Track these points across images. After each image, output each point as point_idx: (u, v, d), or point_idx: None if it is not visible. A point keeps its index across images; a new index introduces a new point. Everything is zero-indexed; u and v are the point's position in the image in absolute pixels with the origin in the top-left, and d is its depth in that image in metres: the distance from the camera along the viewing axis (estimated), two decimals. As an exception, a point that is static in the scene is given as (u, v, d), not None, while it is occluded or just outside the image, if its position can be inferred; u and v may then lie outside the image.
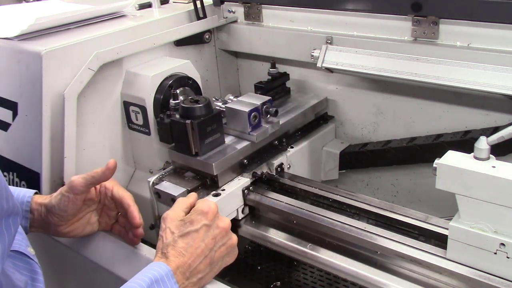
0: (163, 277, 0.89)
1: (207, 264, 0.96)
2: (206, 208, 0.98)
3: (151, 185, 1.24)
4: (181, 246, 0.94)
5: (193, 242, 0.95)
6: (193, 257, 0.94)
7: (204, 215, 0.97)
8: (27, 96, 1.29)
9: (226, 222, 1.00)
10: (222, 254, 0.99)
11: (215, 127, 1.23)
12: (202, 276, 0.96)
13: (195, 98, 1.23)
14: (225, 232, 0.99)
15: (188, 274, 0.93)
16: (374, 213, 1.17)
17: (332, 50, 1.45)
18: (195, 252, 0.94)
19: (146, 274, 0.89)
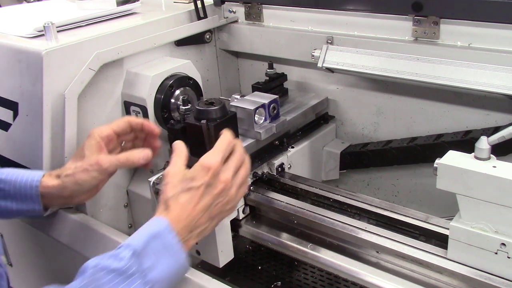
0: (162, 231, 0.91)
1: (207, 218, 0.99)
2: (209, 165, 0.98)
3: (152, 185, 1.24)
4: (183, 201, 0.96)
5: (193, 198, 0.97)
6: (194, 212, 0.96)
7: (206, 172, 0.98)
8: (27, 96, 1.29)
9: (226, 181, 1.00)
10: (218, 210, 1.01)
11: (230, 130, 1.22)
12: (203, 229, 0.99)
13: (210, 100, 1.23)
14: (223, 191, 1.00)
15: (190, 228, 0.96)
16: (374, 213, 1.17)
17: (332, 50, 1.45)
18: (196, 207, 0.97)
19: (146, 229, 0.92)
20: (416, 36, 1.34)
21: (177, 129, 1.25)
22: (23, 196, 1.12)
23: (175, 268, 0.92)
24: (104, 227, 1.27)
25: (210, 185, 0.98)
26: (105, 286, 0.82)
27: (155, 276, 0.87)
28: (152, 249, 0.89)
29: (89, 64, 1.27)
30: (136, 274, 0.85)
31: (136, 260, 0.86)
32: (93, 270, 0.84)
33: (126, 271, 0.84)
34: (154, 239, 0.90)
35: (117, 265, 0.84)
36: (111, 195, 1.44)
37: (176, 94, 1.39)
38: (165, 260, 0.90)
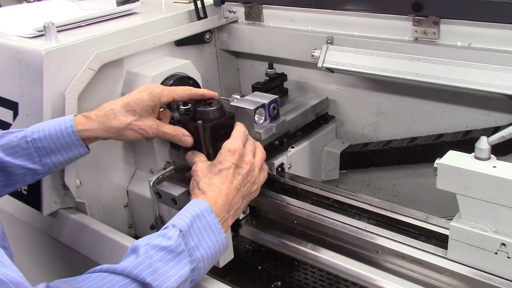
0: (203, 212, 0.96)
1: (240, 197, 1.06)
2: (233, 148, 1.08)
3: (152, 185, 1.24)
4: (217, 182, 1.04)
5: (226, 178, 1.04)
6: (229, 191, 1.03)
7: (232, 155, 1.07)
8: (27, 96, 1.29)
9: (250, 162, 1.09)
10: (248, 189, 1.09)
11: (227, 130, 1.23)
12: (238, 207, 1.06)
13: (208, 101, 1.23)
14: (249, 171, 1.09)
15: (228, 207, 1.02)
16: (374, 213, 1.17)
17: (332, 50, 1.45)
18: (229, 186, 1.04)
19: (188, 211, 0.96)
20: (416, 36, 1.34)
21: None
22: (66, 146, 1.13)
23: (217, 247, 0.96)
24: (104, 227, 1.27)
25: (238, 166, 1.07)
26: (158, 262, 0.87)
27: (200, 255, 0.93)
28: (195, 229, 0.94)
29: (89, 64, 1.27)
30: (185, 252, 0.91)
31: (183, 239, 0.91)
32: (145, 248, 0.88)
33: (175, 249, 0.89)
34: (198, 220, 0.95)
35: (167, 243, 0.89)
36: (111, 195, 1.44)
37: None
38: (207, 240, 0.95)
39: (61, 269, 1.45)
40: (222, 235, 0.98)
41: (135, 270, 0.84)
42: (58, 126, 1.12)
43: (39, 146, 1.11)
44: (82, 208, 1.34)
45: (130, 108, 1.14)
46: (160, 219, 1.31)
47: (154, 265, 0.86)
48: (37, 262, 1.54)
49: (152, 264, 0.86)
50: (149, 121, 1.15)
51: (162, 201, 1.24)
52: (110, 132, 1.14)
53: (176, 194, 1.19)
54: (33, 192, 1.33)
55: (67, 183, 1.28)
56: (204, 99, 1.20)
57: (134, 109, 1.14)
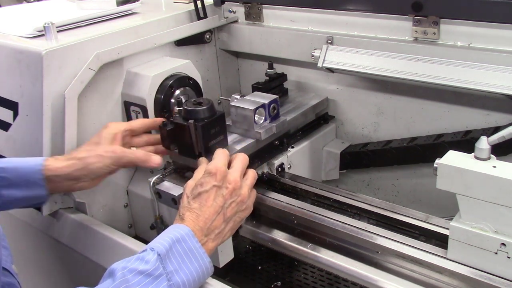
0: (184, 237, 0.94)
1: (222, 221, 1.02)
2: (214, 170, 1.04)
3: (152, 185, 1.24)
4: (194, 207, 1.01)
5: (205, 202, 1.01)
6: (206, 215, 1.00)
7: (212, 177, 1.03)
8: (27, 96, 1.29)
9: (234, 181, 1.05)
10: (233, 210, 1.05)
11: (218, 130, 1.23)
12: (220, 231, 1.02)
13: (198, 100, 1.23)
14: (234, 191, 1.05)
15: (205, 231, 0.99)
16: (374, 213, 1.17)
17: (332, 50, 1.45)
18: (208, 210, 1.01)
19: (168, 235, 0.94)
20: (416, 36, 1.34)
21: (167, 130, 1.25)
22: (27, 182, 1.11)
23: (199, 271, 0.94)
24: (104, 227, 1.27)
25: (220, 187, 1.03)
26: (135, 287, 0.85)
27: (180, 279, 0.90)
28: (175, 253, 0.92)
29: (89, 64, 1.27)
30: (163, 276, 0.88)
31: (161, 263, 0.89)
32: (122, 273, 0.86)
33: (152, 272, 0.87)
34: (178, 244, 0.93)
35: (144, 267, 0.87)
36: (111, 195, 1.44)
37: (176, 94, 1.39)
38: (189, 264, 0.93)
39: (61, 269, 1.45)
40: (206, 259, 0.96)
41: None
42: (29, 161, 1.13)
43: (2, 176, 1.10)
44: (82, 208, 1.34)
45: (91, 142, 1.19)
46: (160, 219, 1.31)
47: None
48: (37, 262, 1.54)
49: None
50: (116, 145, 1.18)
51: (162, 201, 1.24)
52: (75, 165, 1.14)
53: (176, 194, 1.19)
54: (33, 192, 1.33)
55: (67, 183, 1.28)
56: (193, 100, 1.21)
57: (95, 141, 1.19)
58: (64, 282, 1.47)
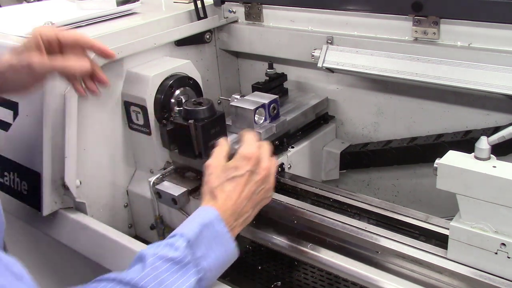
0: (213, 221, 0.95)
1: (251, 206, 1.04)
2: (250, 154, 1.04)
3: (152, 185, 1.24)
4: (228, 189, 1.01)
5: (239, 186, 1.01)
6: (240, 200, 1.01)
7: (247, 161, 1.03)
8: (27, 96, 1.29)
9: (267, 168, 1.06)
10: (261, 196, 1.06)
11: (218, 129, 1.23)
12: (247, 217, 1.04)
13: (198, 100, 1.23)
14: (265, 178, 1.05)
15: (236, 216, 1.00)
16: (374, 213, 1.17)
17: (332, 50, 1.45)
18: (241, 195, 1.01)
19: (197, 219, 0.95)
20: (416, 36, 1.34)
21: (167, 130, 1.25)
22: None
23: (225, 257, 0.95)
24: (104, 227, 1.27)
25: (253, 172, 1.04)
26: (164, 274, 0.86)
27: (207, 265, 0.91)
28: (203, 238, 0.93)
29: (89, 64, 1.27)
30: (191, 263, 0.89)
31: (190, 249, 0.90)
32: (152, 259, 0.88)
33: (181, 260, 0.89)
34: (206, 229, 0.94)
35: (173, 255, 0.89)
36: (111, 195, 1.44)
37: (176, 94, 1.39)
38: (216, 249, 0.94)
39: (61, 269, 1.45)
40: (232, 244, 0.97)
41: (142, 282, 0.84)
42: None
43: None
44: (82, 208, 1.34)
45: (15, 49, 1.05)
46: (160, 219, 1.31)
47: (160, 276, 0.86)
48: (37, 262, 1.54)
49: (158, 276, 0.86)
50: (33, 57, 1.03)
51: (162, 201, 1.24)
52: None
53: (176, 194, 1.19)
54: (33, 192, 1.33)
55: (67, 183, 1.28)
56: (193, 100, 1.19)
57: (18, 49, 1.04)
58: (64, 282, 1.47)
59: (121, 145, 1.44)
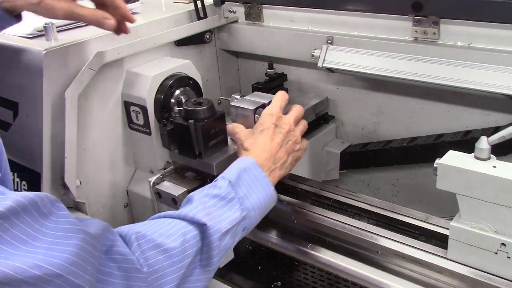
0: (250, 167, 1.04)
1: (284, 152, 1.15)
2: (271, 112, 1.17)
3: (152, 185, 1.24)
4: (260, 140, 1.13)
5: (268, 136, 1.13)
6: (272, 146, 1.12)
7: (270, 117, 1.16)
8: (27, 96, 1.29)
9: (289, 123, 1.18)
10: (292, 146, 1.18)
11: (218, 129, 1.23)
12: (284, 161, 1.14)
13: (198, 100, 1.23)
14: (289, 131, 1.17)
15: (273, 160, 1.11)
16: (374, 213, 1.17)
17: (332, 50, 1.45)
18: (272, 142, 1.13)
19: (235, 166, 1.05)
20: (416, 36, 1.34)
21: (167, 130, 1.25)
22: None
23: (265, 198, 1.04)
24: (104, 227, 1.27)
25: (277, 126, 1.16)
26: (212, 208, 0.94)
27: (250, 204, 1.00)
28: (243, 181, 1.01)
29: (89, 64, 1.27)
30: (235, 199, 0.98)
31: (232, 189, 0.99)
32: (198, 196, 0.96)
33: (226, 196, 0.97)
34: (245, 173, 1.03)
35: (218, 192, 0.97)
36: (111, 195, 1.44)
37: (176, 94, 1.39)
38: (256, 191, 1.02)
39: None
40: (271, 187, 1.05)
41: (191, 213, 0.91)
42: None
43: None
44: (82, 208, 1.34)
45: None
46: (160, 219, 1.31)
47: (208, 209, 0.93)
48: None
49: (205, 208, 0.93)
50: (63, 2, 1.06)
51: (162, 201, 1.24)
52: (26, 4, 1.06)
53: (176, 194, 1.19)
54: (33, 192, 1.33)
55: (67, 183, 1.28)
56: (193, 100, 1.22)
57: None
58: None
59: (121, 145, 1.44)
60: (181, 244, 0.86)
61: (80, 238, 0.70)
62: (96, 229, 0.77)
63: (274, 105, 1.20)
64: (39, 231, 0.66)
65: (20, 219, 0.65)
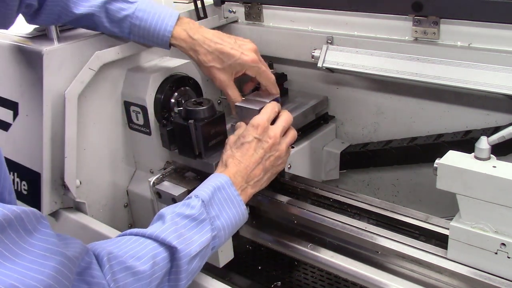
0: (224, 185, 1.03)
1: (261, 170, 1.11)
2: (256, 123, 1.13)
3: (152, 185, 1.24)
4: (238, 155, 1.10)
5: (247, 151, 1.10)
6: (248, 163, 1.09)
7: (254, 129, 1.12)
8: (27, 96, 1.29)
9: (274, 137, 1.13)
10: (271, 163, 1.14)
11: (218, 129, 1.23)
12: (258, 179, 1.11)
13: (198, 100, 1.23)
14: (273, 145, 1.13)
15: (246, 178, 1.09)
16: (374, 213, 1.17)
17: (332, 50, 1.45)
18: (249, 159, 1.10)
19: (210, 183, 1.03)
20: (416, 36, 1.34)
21: (167, 130, 1.25)
22: (154, 40, 1.26)
23: (236, 217, 1.03)
24: (104, 227, 1.27)
25: (260, 140, 1.12)
26: (183, 229, 0.93)
27: (220, 224, 0.99)
28: (216, 200, 1.01)
29: (89, 64, 1.27)
30: (207, 220, 0.97)
31: (205, 209, 0.98)
32: (171, 216, 0.95)
33: (198, 217, 0.96)
34: (218, 192, 1.02)
35: (190, 212, 0.96)
36: (111, 195, 1.44)
37: (176, 94, 1.39)
38: (228, 210, 1.01)
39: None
40: (242, 206, 1.04)
41: (163, 234, 0.90)
42: (159, 27, 1.23)
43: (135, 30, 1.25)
44: (82, 208, 1.34)
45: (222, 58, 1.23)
46: (160, 219, 1.31)
47: (179, 231, 0.92)
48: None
49: (177, 230, 0.92)
50: (224, 76, 1.25)
51: (162, 201, 1.24)
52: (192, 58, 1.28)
53: (176, 194, 1.19)
54: (33, 192, 1.33)
55: (67, 183, 1.28)
56: (193, 100, 1.25)
57: (224, 61, 1.23)
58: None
59: (121, 145, 1.44)
60: (151, 267, 0.86)
61: (58, 260, 0.69)
62: (74, 251, 0.76)
63: (261, 116, 1.15)
64: (22, 248, 0.65)
65: (5, 234, 0.64)
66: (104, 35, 1.35)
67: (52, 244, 0.71)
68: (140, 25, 1.24)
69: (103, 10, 1.24)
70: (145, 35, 1.25)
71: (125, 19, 1.24)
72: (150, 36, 1.25)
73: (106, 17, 1.25)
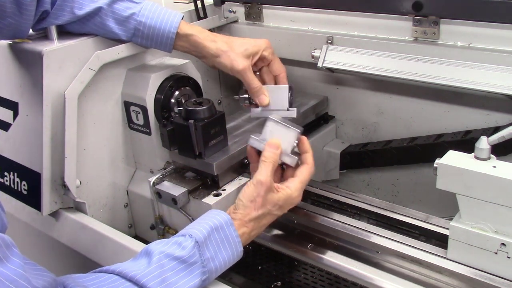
0: (223, 225, 0.96)
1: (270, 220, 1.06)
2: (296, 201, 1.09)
3: (152, 185, 1.24)
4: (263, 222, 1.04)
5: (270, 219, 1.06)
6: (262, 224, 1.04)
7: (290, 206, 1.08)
8: (27, 96, 1.29)
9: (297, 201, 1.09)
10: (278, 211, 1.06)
11: (218, 130, 1.23)
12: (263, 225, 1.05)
13: (198, 100, 1.23)
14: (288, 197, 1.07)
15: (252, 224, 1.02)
16: (374, 213, 1.18)
17: (332, 50, 1.45)
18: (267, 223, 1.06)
19: (207, 221, 0.96)
20: (416, 36, 1.34)
21: (167, 130, 1.25)
22: (159, 42, 1.28)
23: (231, 258, 0.96)
24: (104, 227, 1.27)
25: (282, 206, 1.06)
26: (169, 272, 0.86)
27: (214, 266, 0.92)
28: (212, 241, 0.93)
29: (89, 64, 1.27)
30: (197, 263, 0.90)
31: (198, 250, 0.91)
32: (159, 257, 0.87)
33: (188, 259, 0.89)
34: (216, 232, 0.94)
35: (180, 253, 0.88)
36: (111, 195, 1.44)
37: (176, 94, 1.39)
38: (224, 252, 0.95)
39: (61, 269, 1.45)
40: (240, 248, 0.98)
41: (144, 278, 0.84)
42: (164, 24, 1.25)
43: (139, 29, 1.26)
44: (82, 208, 1.34)
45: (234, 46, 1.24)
46: (160, 219, 1.31)
47: (164, 275, 0.85)
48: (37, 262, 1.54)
49: (162, 273, 0.85)
50: (244, 61, 1.23)
51: (162, 201, 1.24)
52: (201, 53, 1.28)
53: (176, 194, 1.19)
54: (33, 192, 1.33)
55: (67, 183, 1.28)
56: (193, 100, 1.24)
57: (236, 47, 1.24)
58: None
59: (121, 145, 1.44)
60: None
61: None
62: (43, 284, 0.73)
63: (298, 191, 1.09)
64: None
65: None
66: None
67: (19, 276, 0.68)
68: (145, 23, 1.25)
69: (110, 9, 1.25)
70: (149, 34, 1.26)
71: (131, 17, 1.25)
72: (155, 35, 1.26)
73: (111, 15, 1.25)
